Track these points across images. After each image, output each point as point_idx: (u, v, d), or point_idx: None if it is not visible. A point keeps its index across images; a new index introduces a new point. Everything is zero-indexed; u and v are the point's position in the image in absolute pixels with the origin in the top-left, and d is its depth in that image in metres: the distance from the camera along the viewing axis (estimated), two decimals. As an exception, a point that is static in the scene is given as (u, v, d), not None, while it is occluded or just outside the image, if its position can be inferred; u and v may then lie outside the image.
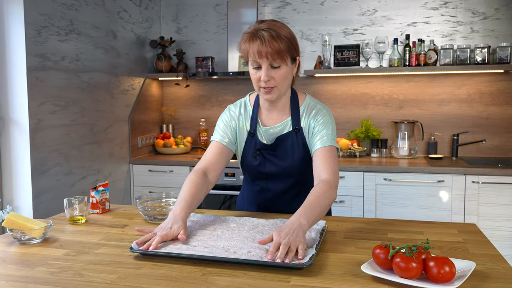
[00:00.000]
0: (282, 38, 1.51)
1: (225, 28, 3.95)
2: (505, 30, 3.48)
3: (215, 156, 1.67)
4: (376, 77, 3.73)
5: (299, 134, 1.67)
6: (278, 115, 1.70)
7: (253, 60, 1.53)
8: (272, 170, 1.70)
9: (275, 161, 1.69)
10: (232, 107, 1.77)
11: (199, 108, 4.10)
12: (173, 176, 3.52)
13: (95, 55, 3.10)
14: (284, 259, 1.17)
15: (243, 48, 1.55)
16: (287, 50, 1.52)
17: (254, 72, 1.56)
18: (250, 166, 1.73)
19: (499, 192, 3.01)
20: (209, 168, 1.65)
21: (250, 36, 1.53)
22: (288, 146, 1.67)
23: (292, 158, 1.67)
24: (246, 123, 1.72)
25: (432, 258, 1.05)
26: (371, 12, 3.72)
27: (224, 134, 1.72)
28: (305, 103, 1.70)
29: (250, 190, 1.83)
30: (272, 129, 1.69)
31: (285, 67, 1.54)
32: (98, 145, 3.17)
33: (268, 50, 1.49)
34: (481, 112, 3.58)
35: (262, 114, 1.72)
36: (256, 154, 1.69)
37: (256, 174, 1.75)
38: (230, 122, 1.73)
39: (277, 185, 1.73)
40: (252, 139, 1.70)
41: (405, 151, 3.54)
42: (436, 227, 1.55)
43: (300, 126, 1.67)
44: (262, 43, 1.49)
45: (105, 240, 1.45)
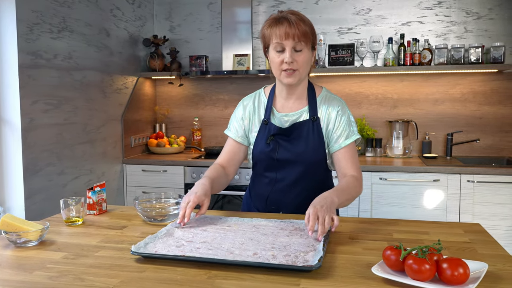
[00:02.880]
0: (306, 22, 1.58)
1: (219, 27, 3.92)
2: (498, 30, 3.50)
3: (230, 154, 1.79)
4: (370, 76, 3.72)
5: (316, 123, 1.69)
6: (294, 104, 1.72)
7: (277, 42, 1.57)
8: (284, 156, 1.69)
9: (288, 147, 1.69)
10: (246, 99, 1.82)
11: (192, 107, 4.06)
12: (167, 176, 3.47)
13: (88, 53, 3.05)
14: (318, 236, 1.31)
15: (267, 33, 1.60)
16: (311, 34, 1.58)
17: (277, 55, 1.59)
18: (262, 154, 1.73)
19: (494, 191, 3.02)
20: (225, 164, 1.77)
21: (276, 20, 1.59)
22: (303, 133, 1.69)
23: (306, 145, 1.68)
24: (259, 113, 1.75)
25: (445, 259, 1.03)
26: (365, 12, 3.71)
27: (236, 131, 1.79)
28: (322, 94, 1.74)
29: (259, 183, 1.82)
30: (287, 116, 1.72)
31: (307, 52, 1.60)
32: (91, 145, 3.12)
33: (296, 32, 1.54)
34: (474, 111, 3.59)
35: (277, 103, 1.75)
36: (270, 140, 1.70)
37: (267, 163, 1.74)
38: (243, 118, 1.78)
39: (287, 174, 1.72)
40: (265, 127, 1.72)
41: (400, 151, 3.54)
42: (441, 227, 1.53)
43: (317, 115, 1.69)
44: (289, 24, 1.55)
45: (104, 242, 1.41)
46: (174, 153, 3.79)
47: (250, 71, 3.57)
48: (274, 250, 1.24)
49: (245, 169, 3.32)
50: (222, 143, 4.01)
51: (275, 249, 1.25)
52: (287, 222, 1.52)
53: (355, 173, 1.64)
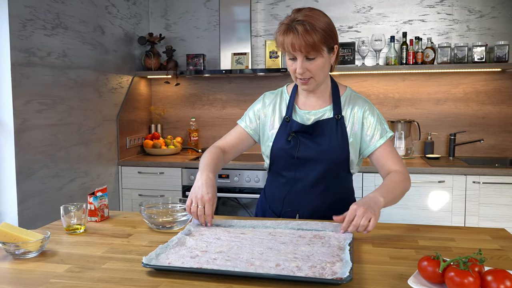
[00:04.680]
0: (317, 30, 1.48)
1: (216, 25, 3.82)
2: (501, 29, 3.45)
3: (235, 140, 1.74)
4: (371, 76, 3.66)
5: (340, 122, 1.63)
6: (317, 102, 1.68)
7: (288, 52, 1.52)
8: (305, 155, 1.63)
9: (310, 145, 1.62)
10: (269, 94, 1.78)
11: (189, 107, 3.96)
12: (164, 178, 3.36)
13: (82, 51, 2.93)
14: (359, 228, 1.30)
15: (279, 40, 1.54)
16: (322, 42, 1.49)
17: (290, 63, 1.56)
18: (282, 151, 1.66)
19: (500, 192, 2.96)
20: (227, 149, 1.72)
21: (285, 28, 1.52)
22: (326, 130, 1.63)
23: (329, 143, 1.61)
24: (281, 110, 1.70)
25: (489, 271, 0.95)
26: (366, 10, 3.64)
27: (250, 123, 1.74)
28: (346, 93, 1.69)
29: (275, 183, 1.73)
30: (310, 114, 1.66)
31: (321, 59, 1.52)
32: (86, 146, 3.00)
33: (302, 44, 1.47)
34: (477, 111, 3.54)
35: (299, 100, 1.71)
36: (292, 137, 1.63)
37: (286, 161, 1.66)
38: (260, 112, 1.73)
39: (307, 174, 1.64)
40: (287, 124, 1.67)
41: (402, 151, 3.47)
42: (466, 232, 1.46)
43: (341, 114, 1.63)
44: (295, 36, 1.48)
45: (110, 252, 1.31)
46: (170, 154, 3.68)
47: (246, 70, 3.48)
48: (297, 260, 1.15)
49: (247, 171, 3.22)
50: (220, 144, 3.92)
51: (298, 260, 1.16)
52: (305, 229, 1.44)
53: (399, 168, 1.58)
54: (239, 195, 3.27)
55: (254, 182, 3.24)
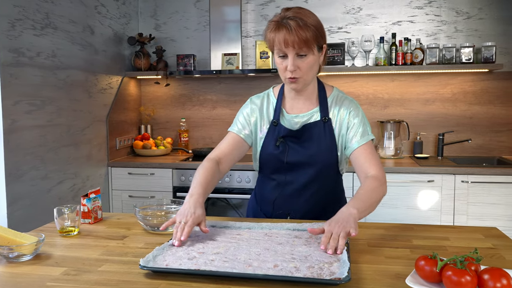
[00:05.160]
0: (308, 26, 1.46)
1: (206, 25, 3.81)
2: (488, 30, 3.50)
3: (230, 147, 1.67)
4: (361, 76, 3.68)
5: (327, 124, 1.61)
6: (304, 104, 1.65)
7: (279, 49, 1.49)
8: (294, 159, 1.61)
9: (298, 149, 1.61)
10: (255, 98, 1.74)
11: (179, 108, 3.94)
12: (154, 179, 3.35)
13: (72, 52, 2.90)
14: (337, 251, 1.20)
15: (269, 37, 1.51)
16: (314, 38, 1.48)
17: (280, 61, 1.52)
18: (271, 156, 1.64)
19: (488, 191, 3.01)
20: (222, 159, 1.64)
21: (276, 25, 1.49)
22: (314, 134, 1.61)
23: (318, 146, 1.60)
24: (268, 114, 1.68)
25: (486, 270, 0.97)
26: (355, 11, 3.66)
27: (242, 127, 1.69)
28: (333, 94, 1.66)
29: (265, 186, 1.73)
30: (297, 118, 1.64)
31: (312, 56, 1.51)
32: (76, 147, 2.97)
33: (295, 39, 1.44)
34: (465, 111, 3.58)
35: (286, 103, 1.68)
36: (280, 142, 1.62)
37: (275, 166, 1.65)
38: (250, 115, 1.70)
39: (297, 177, 1.64)
40: (275, 128, 1.64)
41: (391, 151, 3.50)
42: (459, 231, 1.48)
43: (328, 116, 1.62)
44: (288, 32, 1.45)
45: (106, 255, 1.30)
46: (160, 155, 3.66)
47: (237, 70, 3.48)
48: (295, 261, 1.16)
49: (237, 171, 3.22)
50: (210, 144, 3.91)
51: (296, 260, 1.16)
52: (301, 230, 1.44)
53: (376, 172, 1.52)
54: (230, 196, 3.27)
55: (245, 183, 3.24)
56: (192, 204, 1.40)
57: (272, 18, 1.54)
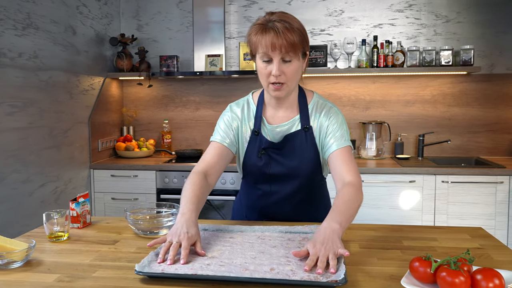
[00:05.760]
0: (295, 30, 1.42)
1: (189, 26, 3.80)
2: (466, 33, 3.58)
3: (215, 158, 1.58)
4: (343, 78, 3.72)
5: (309, 133, 1.58)
6: (285, 113, 1.61)
7: (264, 53, 1.43)
8: (278, 171, 1.60)
9: (281, 161, 1.59)
10: (234, 106, 1.67)
11: (161, 109, 3.92)
12: (138, 181, 3.32)
13: (54, 52, 2.85)
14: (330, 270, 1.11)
15: (254, 40, 1.45)
16: (300, 43, 1.44)
17: (264, 66, 1.46)
18: (254, 168, 1.62)
19: (467, 191, 3.08)
20: (209, 171, 1.56)
21: (262, 28, 1.43)
22: (296, 145, 1.58)
23: (301, 157, 1.58)
24: (249, 122, 1.62)
25: (478, 270, 1.00)
26: (338, 13, 3.70)
27: (225, 135, 1.61)
28: (313, 101, 1.62)
29: (251, 194, 1.72)
30: (278, 128, 1.60)
31: (297, 62, 1.46)
32: (58, 150, 2.92)
33: (283, 43, 1.39)
34: (444, 112, 3.66)
35: (267, 112, 1.62)
36: (262, 154, 1.59)
37: (259, 176, 1.63)
38: (231, 122, 1.63)
39: (282, 188, 1.63)
40: (256, 138, 1.60)
41: (373, 152, 3.56)
42: (446, 232, 1.52)
43: (309, 125, 1.58)
44: (276, 34, 1.40)
45: (99, 260, 1.29)
46: (143, 157, 3.63)
47: (221, 72, 3.48)
48: (291, 264, 1.17)
49: (221, 173, 3.22)
50: (193, 145, 3.90)
51: (292, 263, 1.17)
52: (293, 232, 1.46)
53: (353, 178, 1.46)
54: (212, 197, 3.26)
55: (229, 184, 3.24)
56: (184, 223, 1.30)
57: (255, 21, 1.50)
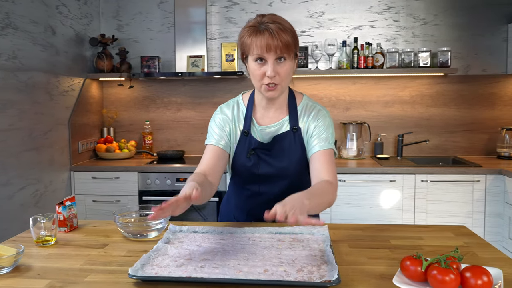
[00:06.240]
0: (288, 31, 1.45)
1: (170, 26, 3.78)
2: (443, 35, 3.67)
3: (212, 160, 1.59)
4: (324, 79, 3.76)
5: (297, 134, 1.60)
6: (274, 113, 1.63)
7: (258, 54, 1.44)
8: (267, 172, 1.61)
9: (270, 162, 1.61)
10: (224, 107, 1.68)
11: (143, 110, 3.89)
12: (119, 183, 3.29)
13: (33, 53, 2.80)
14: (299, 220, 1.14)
15: (247, 42, 1.46)
16: (293, 43, 1.46)
17: (258, 67, 1.47)
18: (243, 168, 1.63)
19: (446, 190, 3.16)
20: (207, 172, 1.55)
21: (255, 29, 1.45)
22: (285, 145, 1.60)
23: (289, 158, 1.59)
24: (239, 123, 1.64)
25: (467, 268, 1.03)
26: (318, 15, 3.74)
27: (219, 137, 1.62)
28: (302, 103, 1.64)
29: (239, 195, 1.73)
30: (268, 129, 1.62)
31: (290, 63, 1.48)
32: (37, 152, 2.87)
33: (278, 44, 1.41)
34: (422, 113, 3.74)
35: (257, 113, 1.64)
36: (251, 154, 1.60)
37: (248, 177, 1.65)
38: (223, 123, 1.64)
39: (270, 188, 1.64)
40: (246, 138, 1.62)
41: (354, 152, 3.61)
42: (431, 231, 1.56)
43: (298, 126, 1.60)
44: (271, 36, 1.41)
45: (89, 264, 1.28)
46: (124, 158, 3.60)
47: (198, 73, 3.47)
48: (284, 265, 1.18)
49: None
50: (175, 147, 3.88)
51: (284, 264, 1.19)
52: (283, 233, 1.47)
53: (330, 179, 1.49)
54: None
55: (213, 185, 3.23)
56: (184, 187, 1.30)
57: (246, 23, 1.51)
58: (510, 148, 3.48)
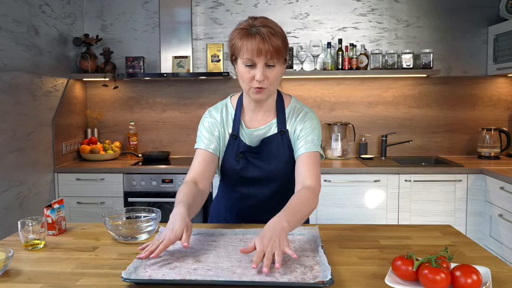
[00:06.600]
0: (279, 35, 1.45)
1: (155, 27, 3.76)
2: (425, 37, 3.73)
3: (202, 165, 1.59)
4: (309, 80, 3.79)
5: (285, 136, 1.61)
6: (263, 116, 1.63)
7: (248, 58, 1.44)
8: (255, 174, 1.62)
9: (259, 164, 1.61)
10: (213, 110, 1.68)
11: (127, 110, 3.86)
12: (104, 185, 3.25)
13: (16, 53, 2.76)
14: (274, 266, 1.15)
15: (238, 45, 1.46)
16: (284, 48, 1.46)
17: (247, 70, 1.47)
18: (232, 171, 1.64)
19: (428, 189, 3.21)
20: (198, 178, 1.56)
21: (246, 32, 1.45)
22: (273, 148, 1.61)
23: (277, 161, 1.60)
24: (228, 126, 1.64)
25: (457, 267, 1.06)
26: (303, 16, 3.77)
27: (208, 142, 1.62)
28: (290, 105, 1.65)
29: (229, 197, 1.73)
30: (256, 131, 1.62)
31: (279, 67, 1.49)
32: (21, 153, 2.83)
33: (269, 48, 1.42)
34: (405, 113, 3.80)
35: (245, 115, 1.65)
36: (239, 157, 1.61)
37: (237, 179, 1.65)
38: (212, 127, 1.64)
39: (259, 191, 1.65)
40: (234, 141, 1.62)
41: (339, 152, 3.64)
42: (418, 230, 1.59)
43: (286, 128, 1.61)
44: (262, 40, 1.42)
45: (81, 268, 1.27)
46: (109, 159, 3.57)
47: (182, 73, 3.46)
48: (277, 265, 1.19)
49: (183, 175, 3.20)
50: (160, 147, 3.86)
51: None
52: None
53: (313, 183, 1.50)
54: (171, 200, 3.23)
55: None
56: (171, 221, 1.31)
57: (237, 26, 1.51)
58: (490, 148, 3.56)
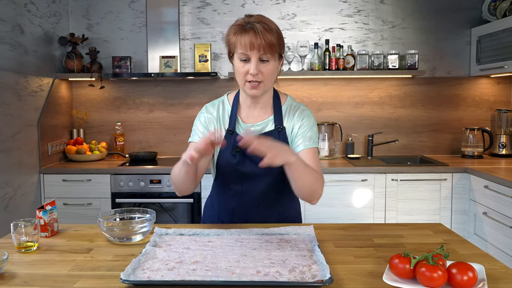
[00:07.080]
0: (273, 31, 1.49)
1: (141, 26, 3.73)
2: (410, 38, 3.78)
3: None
4: (296, 80, 3.81)
5: (282, 133, 1.63)
6: (259, 113, 1.66)
7: (242, 52, 1.49)
8: (251, 170, 1.63)
9: (255, 159, 1.60)
10: (210, 106, 1.71)
11: (114, 111, 3.82)
12: (91, 186, 3.22)
13: (1, 52, 2.71)
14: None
15: (233, 40, 1.51)
16: (277, 44, 1.50)
17: (242, 65, 1.52)
18: (228, 166, 1.64)
19: (414, 188, 3.26)
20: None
21: (241, 28, 1.49)
22: None
23: None
24: (224, 122, 1.66)
25: (453, 264, 1.08)
26: (290, 17, 3.78)
27: (203, 136, 1.62)
28: (287, 103, 1.69)
29: (223, 196, 1.74)
30: (253, 127, 1.65)
31: (273, 63, 1.53)
32: (6, 154, 2.78)
33: (261, 43, 1.46)
34: (391, 113, 3.85)
35: (242, 112, 1.67)
36: (236, 151, 1.61)
37: (233, 175, 1.66)
38: (208, 122, 1.67)
39: (254, 187, 1.66)
40: (231, 137, 1.63)
41: (326, 152, 3.67)
42: (410, 229, 1.61)
43: (283, 125, 1.64)
44: (255, 34, 1.46)
45: (77, 270, 1.25)
46: (95, 160, 3.53)
47: (168, 73, 3.45)
48: (275, 266, 1.20)
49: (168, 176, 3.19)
50: (147, 148, 3.84)
51: (276, 265, 1.21)
52: (269, 234, 1.49)
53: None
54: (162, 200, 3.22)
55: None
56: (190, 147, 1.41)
57: (234, 22, 1.55)
58: (473, 147, 3.63)
